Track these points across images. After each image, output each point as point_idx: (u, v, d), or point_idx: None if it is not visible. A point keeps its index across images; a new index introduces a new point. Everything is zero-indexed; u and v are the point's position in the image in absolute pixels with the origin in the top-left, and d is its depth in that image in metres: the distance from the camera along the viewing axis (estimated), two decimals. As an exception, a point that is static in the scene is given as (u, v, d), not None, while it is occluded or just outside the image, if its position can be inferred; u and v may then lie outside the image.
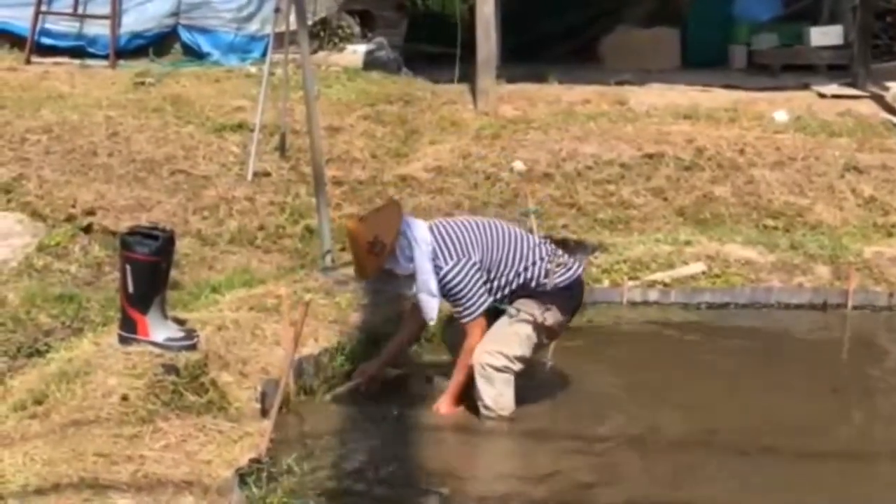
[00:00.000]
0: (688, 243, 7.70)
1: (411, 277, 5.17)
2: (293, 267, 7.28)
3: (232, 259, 7.48)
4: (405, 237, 5.12)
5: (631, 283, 7.21)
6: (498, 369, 5.22)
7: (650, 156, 9.06)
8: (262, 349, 5.58)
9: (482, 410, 5.26)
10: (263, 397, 5.13)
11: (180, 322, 5.51)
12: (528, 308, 5.24)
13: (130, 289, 5.17)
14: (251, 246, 7.72)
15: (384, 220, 5.11)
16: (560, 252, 5.39)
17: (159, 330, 5.21)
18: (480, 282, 5.15)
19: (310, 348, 5.64)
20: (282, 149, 8.71)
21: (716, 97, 10.54)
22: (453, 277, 5.11)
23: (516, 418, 5.27)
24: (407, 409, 5.41)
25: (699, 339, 6.67)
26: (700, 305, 7.13)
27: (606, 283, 7.25)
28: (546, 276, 5.24)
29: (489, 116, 9.80)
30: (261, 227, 7.90)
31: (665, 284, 7.24)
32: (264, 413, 5.03)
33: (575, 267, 5.36)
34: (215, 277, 7.01)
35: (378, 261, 5.08)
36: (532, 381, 5.41)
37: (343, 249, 7.57)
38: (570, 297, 5.34)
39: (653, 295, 7.17)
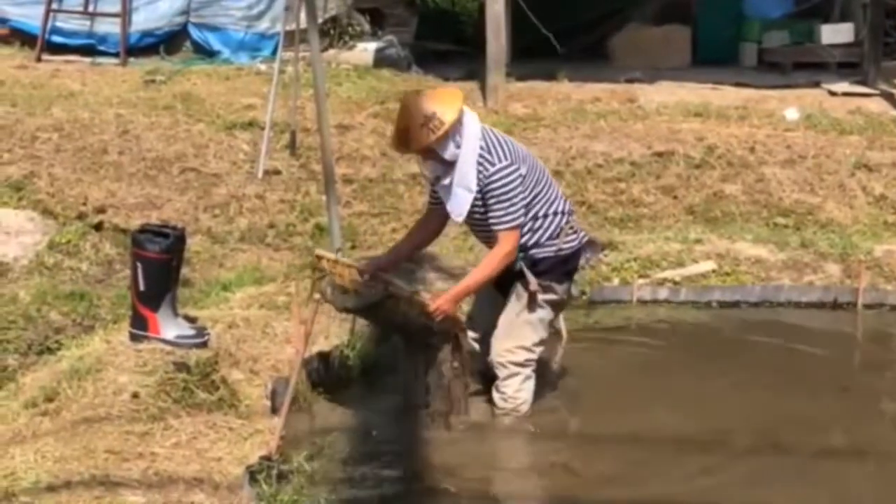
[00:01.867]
0: (698, 241, 7.69)
1: (447, 167, 4.98)
2: (303, 265, 7.28)
3: (242, 257, 7.50)
4: (461, 123, 4.96)
5: (641, 281, 7.21)
6: (520, 364, 5.20)
7: (660, 154, 9.05)
8: (273, 347, 5.59)
9: (498, 403, 5.23)
10: (274, 395, 5.14)
11: (191, 320, 5.52)
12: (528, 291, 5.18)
13: (141, 286, 5.18)
14: (261, 244, 7.73)
15: (446, 99, 4.97)
16: (574, 218, 5.34)
17: (170, 327, 5.22)
18: (522, 195, 5.00)
19: (320, 346, 5.65)
20: (292, 147, 8.72)
21: (726, 95, 10.51)
22: (501, 178, 4.95)
23: (527, 418, 5.25)
24: (411, 406, 5.41)
25: (710, 337, 6.66)
26: (710, 304, 7.12)
27: (616, 281, 7.24)
28: (557, 235, 5.14)
29: (499, 114, 9.79)
30: (271, 225, 7.91)
31: (675, 283, 7.22)
32: (274, 410, 5.04)
33: (581, 236, 5.30)
34: (225, 275, 7.03)
35: (431, 137, 4.87)
36: (541, 382, 5.40)
37: (354, 247, 7.61)
38: (564, 270, 5.27)
39: (663, 293, 7.16)
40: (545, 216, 5.11)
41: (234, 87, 9.84)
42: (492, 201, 4.98)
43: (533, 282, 5.10)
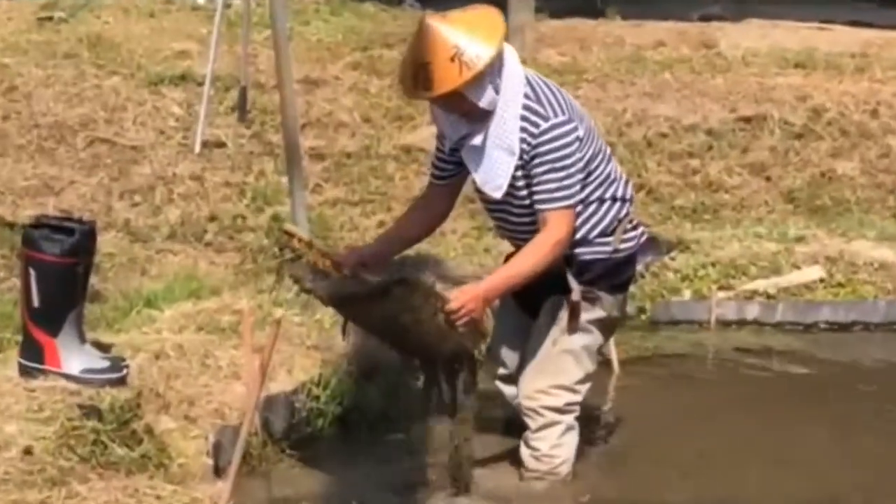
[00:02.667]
0: (800, 240, 7.70)
1: (476, 122, 4.90)
2: (257, 271, 7.28)
3: (173, 261, 7.49)
4: (500, 59, 4.86)
5: (721, 294, 7.22)
6: (559, 410, 5.17)
7: (748, 119, 9.05)
8: (216, 385, 5.58)
9: (528, 464, 5.19)
10: (217, 450, 5.14)
11: (103, 347, 5.50)
12: (570, 313, 5.14)
13: (35, 302, 5.17)
14: (199, 243, 7.72)
15: (483, 24, 4.84)
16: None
17: (74, 358, 5.21)
18: (579, 165, 4.91)
19: (281, 383, 5.64)
20: (241, 110, 8.71)
21: (838, 37, 10.51)
22: (556, 138, 4.84)
23: (567, 484, 5.23)
24: (406, 470, 5.42)
25: (816, 372, 6.68)
26: (817, 326, 7.15)
27: (688, 294, 7.27)
28: (613, 230, 5.08)
29: (526, 64, 9.74)
30: (212, 218, 7.91)
31: (769, 296, 7.24)
32: (218, 472, 5.04)
33: (640, 234, 5.27)
34: (150, 286, 7.01)
35: (464, 75, 4.74)
36: (585, 435, 5.39)
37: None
38: (618, 280, 5.23)
39: (751, 311, 7.18)
40: (600, 202, 5.05)
41: (160, 28, 9.83)
42: (541, 170, 4.89)
43: (577, 289, 5.07)
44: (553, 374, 5.17)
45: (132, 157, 8.26)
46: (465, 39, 4.77)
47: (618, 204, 5.11)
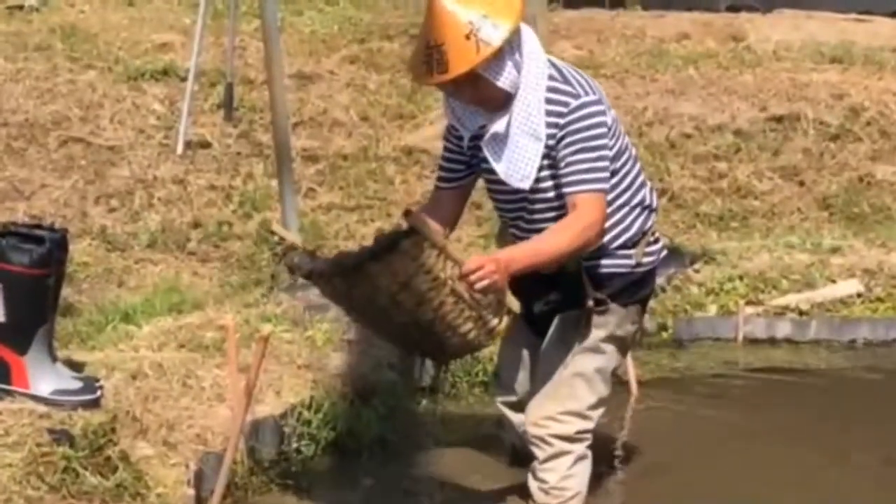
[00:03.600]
0: (836, 250, 7.70)
1: (495, 108, 4.85)
2: (244, 283, 7.28)
3: (153, 271, 7.50)
4: (519, 36, 4.82)
5: (750, 310, 7.22)
6: (569, 438, 5.14)
7: (779, 119, 9.08)
8: (198, 407, 5.57)
9: (536, 497, 5.12)
10: (199, 479, 5.13)
11: (76, 367, 5.50)
12: (579, 328, 5.13)
13: (2, 316, 5.17)
14: (181, 251, 7.74)
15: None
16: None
17: (44, 378, 5.20)
18: (608, 151, 4.86)
19: (269, 406, 5.63)
20: (228, 107, 8.72)
21: (878, 30, 10.53)
22: (587, 116, 4.80)
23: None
24: (405, 501, 5.43)
25: (854, 394, 6.66)
26: (854, 344, 7.14)
27: (714, 309, 7.27)
28: (636, 242, 5.03)
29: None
30: (196, 224, 7.93)
31: (801, 313, 7.25)
32: (200, 503, 5.02)
33: (662, 248, 5.25)
34: (128, 298, 7.03)
35: (482, 53, 4.71)
36: (600, 464, 5.37)
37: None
38: (638, 296, 5.21)
39: (782, 329, 7.19)
40: (626, 208, 5.00)
41: (140, 18, 9.86)
42: (570, 150, 4.82)
43: (591, 295, 5.03)
44: (563, 400, 5.12)
45: (109, 159, 8.28)
46: (479, 15, 4.73)
47: (644, 213, 5.06)
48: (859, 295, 7.35)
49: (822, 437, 6.11)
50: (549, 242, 4.81)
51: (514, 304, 4.72)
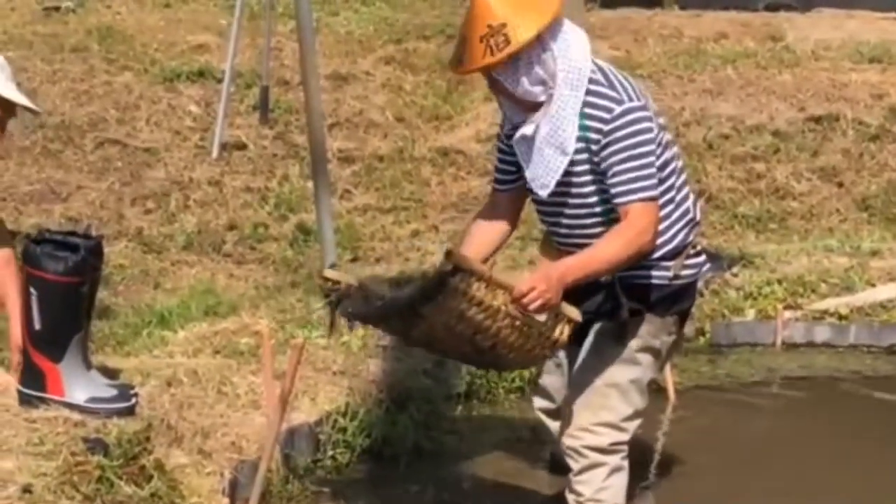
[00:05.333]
0: (876, 253, 7.68)
1: (528, 110, 4.81)
2: (280, 285, 7.27)
3: (188, 273, 7.51)
4: (548, 47, 4.76)
5: (788, 314, 7.18)
6: (604, 450, 5.10)
7: (818, 119, 9.05)
8: (233, 415, 5.56)
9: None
10: (234, 488, 5.12)
11: (110, 374, 5.49)
12: (615, 339, 5.08)
13: (36, 324, 5.15)
14: (217, 254, 7.76)
15: (531, 4, 4.76)
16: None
17: (79, 386, 5.19)
18: (656, 159, 4.80)
19: (304, 413, 5.62)
20: (263, 108, 8.73)
21: (919, 29, 10.48)
22: (633, 122, 4.75)
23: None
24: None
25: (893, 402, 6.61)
26: (894, 349, 7.10)
27: (752, 314, 7.22)
28: (677, 253, 4.95)
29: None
30: (231, 226, 7.94)
31: (840, 317, 7.21)
32: (235, 511, 5.02)
33: (703, 260, 5.18)
34: (164, 301, 7.03)
35: (489, 57, 4.70)
36: (637, 474, 5.31)
37: (356, 259, 7.58)
38: (676, 308, 5.14)
39: (821, 333, 7.15)
40: (668, 221, 4.91)
41: (176, 19, 9.87)
42: (616, 159, 4.76)
43: (626, 304, 4.97)
44: (597, 411, 5.07)
45: (145, 160, 8.30)
46: (504, 18, 4.71)
47: (688, 227, 5.00)
48: (900, 299, 7.33)
49: (869, 445, 6.06)
50: (602, 251, 4.78)
51: (573, 313, 4.68)
